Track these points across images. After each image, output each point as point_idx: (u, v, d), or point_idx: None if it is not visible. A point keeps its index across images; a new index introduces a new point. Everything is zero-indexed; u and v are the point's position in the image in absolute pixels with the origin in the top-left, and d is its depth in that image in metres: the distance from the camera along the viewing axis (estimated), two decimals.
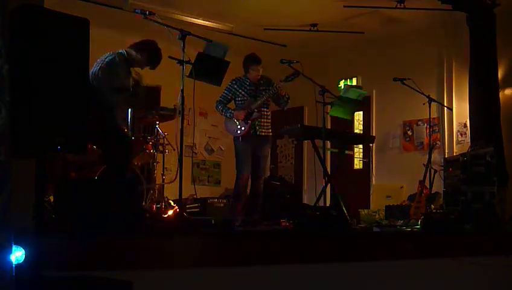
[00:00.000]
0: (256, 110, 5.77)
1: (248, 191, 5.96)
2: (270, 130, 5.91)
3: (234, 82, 5.90)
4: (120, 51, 4.72)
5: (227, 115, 5.87)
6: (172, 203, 5.94)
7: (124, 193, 3.11)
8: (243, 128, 5.77)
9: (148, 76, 5.20)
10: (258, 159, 5.84)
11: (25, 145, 2.55)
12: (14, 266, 1.94)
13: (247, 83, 5.89)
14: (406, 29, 8.05)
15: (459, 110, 7.58)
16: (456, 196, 5.20)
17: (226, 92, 5.93)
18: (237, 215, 5.66)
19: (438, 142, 7.43)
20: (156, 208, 5.88)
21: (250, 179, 5.91)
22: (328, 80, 6.28)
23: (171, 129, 6.23)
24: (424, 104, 6.41)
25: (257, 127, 5.78)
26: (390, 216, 6.25)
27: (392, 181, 7.84)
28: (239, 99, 5.88)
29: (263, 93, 5.80)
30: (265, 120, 5.85)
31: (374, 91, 8.65)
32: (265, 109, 5.86)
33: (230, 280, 2.93)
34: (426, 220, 4.51)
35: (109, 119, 4.50)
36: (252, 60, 5.88)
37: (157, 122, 6.38)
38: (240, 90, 5.87)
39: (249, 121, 5.76)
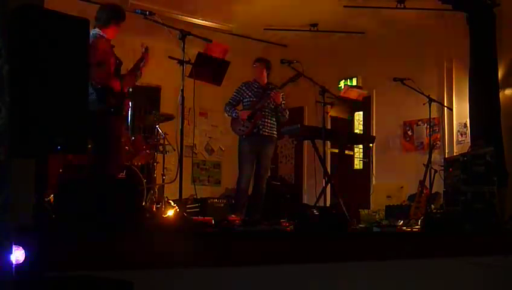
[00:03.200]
0: (260, 110, 5.89)
1: (250, 191, 5.99)
2: (274, 132, 6.02)
3: (243, 84, 6.12)
4: (94, 32, 4.50)
5: (233, 115, 6.02)
6: (172, 203, 5.95)
7: (124, 193, 3.11)
8: (246, 127, 5.89)
9: (148, 76, 5.19)
10: (260, 158, 5.94)
11: (25, 145, 2.55)
12: (14, 266, 1.94)
13: (255, 86, 6.08)
14: (406, 29, 8.04)
15: (459, 110, 7.57)
16: (456, 196, 5.20)
17: (234, 93, 6.13)
18: (238, 214, 5.67)
19: (438, 142, 7.42)
20: (156, 208, 5.88)
21: (252, 179, 5.95)
22: (328, 80, 6.28)
23: (171, 129, 6.23)
24: (424, 104, 6.40)
25: (260, 127, 5.89)
26: (390, 216, 6.23)
27: (392, 181, 7.83)
28: (246, 100, 6.05)
29: (269, 95, 5.95)
30: (269, 120, 5.96)
31: (374, 91, 8.65)
32: (269, 111, 5.97)
33: (231, 280, 2.93)
34: (426, 220, 4.51)
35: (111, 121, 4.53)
36: (254, 60, 6.16)
37: (157, 123, 6.40)
38: (248, 92, 6.05)
39: (252, 120, 5.86)
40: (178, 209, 5.39)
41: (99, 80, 4.36)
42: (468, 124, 7.27)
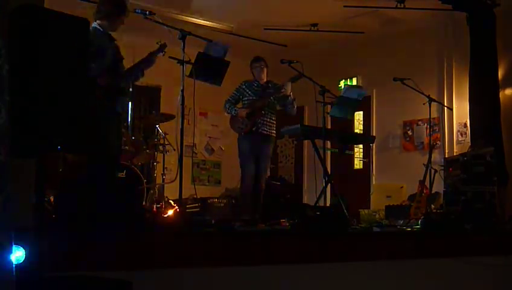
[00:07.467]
0: (259, 109, 5.92)
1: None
2: (273, 131, 6.03)
3: (243, 83, 6.15)
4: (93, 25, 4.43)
5: (233, 112, 6.04)
6: (172, 203, 5.95)
7: (124, 193, 3.11)
8: (245, 125, 5.91)
9: (148, 76, 5.19)
10: (258, 158, 5.95)
11: (25, 145, 2.54)
12: (14, 266, 1.94)
13: (255, 85, 6.11)
14: (406, 29, 8.05)
15: (459, 110, 7.57)
16: (456, 196, 5.20)
17: (234, 91, 6.16)
18: (244, 214, 5.66)
19: (438, 142, 7.42)
20: (156, 208, 5.88)
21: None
22: (328, 80, 6.27)
23: (171, 129, 6.24)
24: (424, 104, 6.40)
25: (259, 125, 5.91)
26: (390, 216, 6.23)
27: (392, 181, 7.83)
28: (245, 99, 6.08)
29: (269, 94, 5.99)
30: (268, 119, 5.98)
31: (374, 91, 8.65)
32: (269, 110, 5.99)
33: (230, 280, 2.93)
34: (426, 220, 4.51)
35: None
36: (252, 60, 6.18)
37: (157, 123, 6.40)
38: (248, 91, 6.08)
39: (252, 118, 5.89)
40: (178, 209, 5.39)
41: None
42: (468, 124, 7.27)
